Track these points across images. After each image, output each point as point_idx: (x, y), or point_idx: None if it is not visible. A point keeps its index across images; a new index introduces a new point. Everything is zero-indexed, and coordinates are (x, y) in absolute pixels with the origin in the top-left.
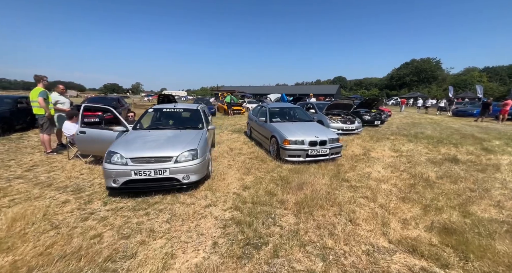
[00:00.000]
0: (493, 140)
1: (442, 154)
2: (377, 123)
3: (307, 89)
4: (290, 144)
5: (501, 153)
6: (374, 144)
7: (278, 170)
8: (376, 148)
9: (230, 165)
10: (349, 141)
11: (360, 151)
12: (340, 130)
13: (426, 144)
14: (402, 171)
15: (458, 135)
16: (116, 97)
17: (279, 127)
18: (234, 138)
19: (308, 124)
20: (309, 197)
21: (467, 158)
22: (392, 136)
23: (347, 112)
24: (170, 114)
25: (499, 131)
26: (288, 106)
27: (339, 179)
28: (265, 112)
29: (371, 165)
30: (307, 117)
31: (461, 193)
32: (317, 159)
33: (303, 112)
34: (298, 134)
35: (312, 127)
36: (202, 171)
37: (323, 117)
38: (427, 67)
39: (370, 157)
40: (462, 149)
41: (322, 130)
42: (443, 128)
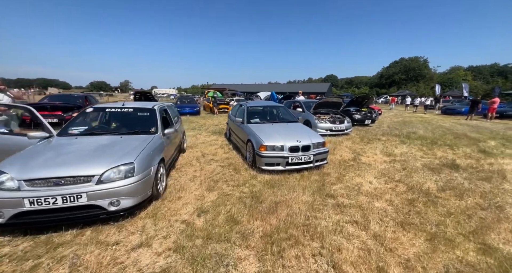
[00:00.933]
0: (488, 140)
1: (439, 158)
2: (368, 123)
3: (299, 87)
4: (267, 150)
5: (500, 155)
6: (364, 146)
7: (251, 182)
8: (367, 151)
9: (195, 176)
10: (337, 143)
11: (349, 155)
12: (328, 131)
13: (420, 145)
14: (398, 181)
15: (451, 135)
16: (82, 95)
17: (257, 130)
18: (212, 141)
19: (291, 126)
20: (282, 225)
21: (466, 163)
22: (384, 137)
23: (337, 111)
24: (116, 116)
25: (490, 130)
26: (269, 105)
27: (323, 194)
28: (242, 112)
29: (361, 173)
30: (291, 118)
31: (471, 213)
32: (299, 168)
33: (286, 112)
34: (277, 139)
35: (295, 130)
36: (141, 191)
37: (311, 117)
38: (415, 66)
39: (361, 163)
40: (459, 151)
41: (306, 133)
42: (435, 127)
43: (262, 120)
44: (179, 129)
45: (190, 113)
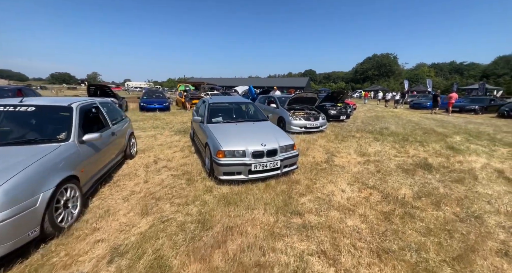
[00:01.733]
0: (453, 135)
1: (411, 157)
2: (343, 118)
3: (279, 81)
4: (227, 157)
5: (467, 152)
6: (339, 145)
7: (204, 198)
8: (341, 151)
9: (133, 192)
10: (311, 142)
11: (322, 156)
12: (303, 128)
13: (392, 142)
14: (372, 188)
15: (420, 130)
16: (14, 88)
17: (216, 132)
18: (173, 142)
19: (258, 126)
20: (228, 269)
21: (438, 161)
22: (358, 133)
23: (312, 107)
24: (8, 117)
25: (453, 124)
26: (235, 102)
27: (288, 211)
28: (204, 110)
29: (334, 178)
30: (259, 116)
31: (452, 229)
32: (264, 176)
33: (255, 109)
34: (239, 142)
35: (262, 131)
36: (12, 236)
37: (285, 113)
38: (386, 62)
39: (334, 166)
40: (429, 148)
41: (274, 134)
42: (405, 122)
43: (225, 119)
44: (122, 131)
45: (159, 109)
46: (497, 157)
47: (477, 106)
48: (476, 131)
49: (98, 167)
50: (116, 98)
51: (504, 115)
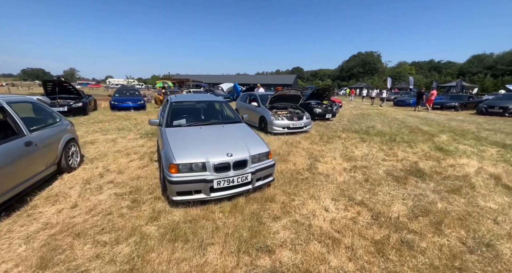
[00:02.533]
0: (439, 134)
1: (401, 161)
2: (329, 117)
3: (266, 79)
4: (181, 172)
5: (457, 153)
6: (323, 147)
7: (144, 231)
8: (325, 155)
9: (47, 225)
10: (294, 144)
11: (305, 162)
12: (285, 129)
13: (379, 143)
14: (360, 204)
15: (406, 129)
16: None
17: (172, 139)
18: (134, 147)
19: (227, 130)
20: None
21: (429, 166)
22: (344, 133)
23: (295, 106)
24: None
25: (437, 121)
26: (203, 100)
27: (254, 247)
28: (165, 111)
29: (316, 191)
30: (232, 117)
31: (463, 267)
32: (231, 193)
33: (227, 109)
34: (198, 152)
35: (231, 136)
36: None
37: (266, 113)
38: (370, 60)
39: (317, 174)
40: (418, 149)
41: (244, 140)
42: (390, 120)
43: (190, 121)
44: (51, 139)
45: (134, 107)
46: (488, 158)
47: (457, 103)
48: (460, 130)
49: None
50: (79, 96)
51: (483, 112)
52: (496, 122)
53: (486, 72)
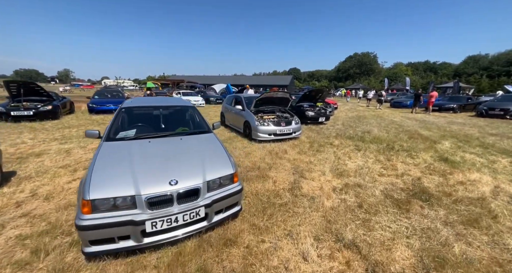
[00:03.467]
0: (441, 140)
1: (401, 176)
2: (322, 120)
3: (263, 79)
4: (97, 211)
5: (465, 166)
6: (312, 158)
7: None
8: (313, 168)
9: None
10: (279, 154)
11: (287, 179)
12: (272, 136)
13: (376, 152)
14: (351, 248)
15: (405, 134)
16: None
17: (103, 158)
18: (89, 160)
19: (184, 144)
20: None
21: (435, 184)
22: (337, 140)
23: (284, 109)
24: None
25: (436, 125)
26: (163, 106)
27: None
28: (114, 119)
29: (295, 225)
30: (198, 126)
31: None
32: (174, 238)
33: (195, 115)
34: (126, 180)
35: (185, 152)
36: None
37: (250, 117)
38: (367, 61)
39: (299, 197)
40: (419, 160)
41: (203, 158)
42: (387, 123)
43: (141, 132)
44: None
45: (115, 110)
46: (502, 172)
47: (455, 105)
48: (463, 135)
49: None
50: (50, 98)
51: (483, 114)
52: (499, 126)
53: (482, 73)
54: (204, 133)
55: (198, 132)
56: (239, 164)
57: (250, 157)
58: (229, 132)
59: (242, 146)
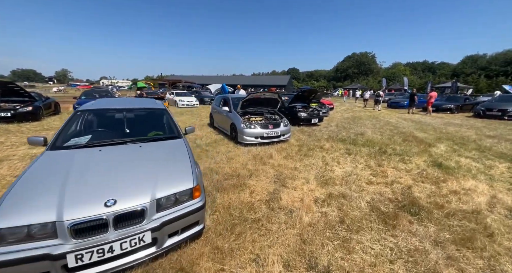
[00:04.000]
0: (436, 144)
1: (390, 184)
2: (315, 121)
3: (261, 79)
4: (2, 243)
5: (460, 172)
6: (299, 163)
7: None
8: (298, 175)
9: None
10: (265, 159)
11: (266, 189)
12: (258, 139)
13: (367, 156)
14: None
15: (399, 136)
16: None
17: (34, 172)
18: None
19: (142, 153)
20: None
21: (426, 194)
22: (328, 143)
23: (273, 111)
24: None
25: (433, 126)
26: (128, 108)
27: None
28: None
29: (265, 247)
30: (167, 131)
31: None
32: (113, 270)
33: (165, 118)
34: (47, 201)
35: (138, 164)
36: None
37: (236, 119)
38: (365, 61)
39: (276, 211)
40: (412, 165)
41: (159, 170)
42: (382, 124)
43: (97, 139)
44: None
45: None
46: (499, 179)
47: (453, 105)
48: (459, 137)
49: None
50: (32, 99)
51: (480, 115)
52: (496, 127)
53: (480, 73)
54: (172, 139)
55: (165, 138)
56: (218, 170)
57: (232, 163)
58: (216, 135)
59: (227, 149)
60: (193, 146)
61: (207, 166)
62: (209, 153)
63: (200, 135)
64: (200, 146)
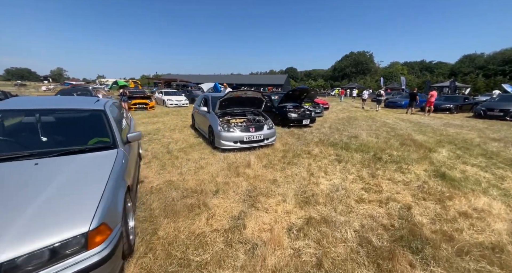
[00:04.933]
0: (437, 148)
1: (385, 203)
2: (306, 123)
3: (258, 79)
4: None
5: (468, 185)
6: (279, 174)
7: None
8: (275, 191)
9: None
10: (241, 168)
11: (230, 213)
12: (238, 144)
13: (360, 164)
14: None
15: (396, 138)
16: None
17: None
18: None
19: (34, 175)
20: None
21: (430, 217)
22: (317, 147)
23: (258, 111)
24: None
25: (432, 127)
26: (51, 109)
27: None
28: None
29: None
30: (97, 140)
31: None
32: None
33: (98, 121)
34: None
35: (14, 194)
36: None
37: (214, 121)
38: (363, 60)
39: (234, 247)
40: (411, 176)
41: (37, 204)
42: (378, 125)
43: (15, 147)
44: None
45: None
46: None
47: (452, 105)
48: (462, 140)
49: None
50: None
51: (481, 115)
52: (500, 129)
53: (478, 72)
54: (101, 150)
55: (90, 149)
56: (179, 185)
57: (199, 174)
58: (195, 138)
59: (200, 156)
60: (163, 152)
61: (168, 179)
62: (178, 160)
63: (177, 139)
64: (171, 152)
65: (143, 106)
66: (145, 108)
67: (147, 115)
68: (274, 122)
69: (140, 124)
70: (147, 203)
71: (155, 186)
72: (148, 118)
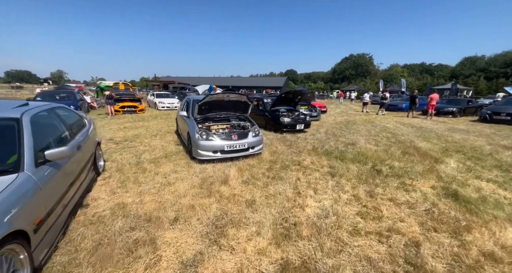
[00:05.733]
0: (444, 158)
1: (387, 238)
2: (300, 128)
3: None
4: None
5: (487, 209)
6: (259, 193)
7: None
8: (248, 218)
9: None
10: (214, 186)
11: (182, 254)
12: (218, 153)
13: (355, 180)
14: None
15: (397, 146)
16: None
17: None
18: None
19: None
20: None
21: (447, 261)
22: (310, 156)
23: (244, 116)
24: None
25: (436, 133)
26: None
27: None
28: None
29: None
30: (13, 158)
31: None
32: None
33: (14, 131)
34: None
35: None
36: None
37: (192, 127)
38: (362, 62)
39: None
40: (416, 195)
41: None
42: (378, 130)
43: None
44: None
45: None
46: None
47: (455, 109)
48: (470, 147)
49: None
50: None
51: (487, 120)
52: (509, 134)
53: (479, 75)
54: None
55: None
56: (130, 210)
57: (163, 193)
58: (175, 145)
59: (172, 169)
60: (131, 163)
61: (121, 201)
62: (144, 174)
63: (155, 146)
64: (140, 163)
65: (132, 110)
66: (134, 112)
67: (133, 119)
68: (267, 127)
69: (121, 129)
70: (75, 241)
71: (100, 212)
72: (133, 123)
